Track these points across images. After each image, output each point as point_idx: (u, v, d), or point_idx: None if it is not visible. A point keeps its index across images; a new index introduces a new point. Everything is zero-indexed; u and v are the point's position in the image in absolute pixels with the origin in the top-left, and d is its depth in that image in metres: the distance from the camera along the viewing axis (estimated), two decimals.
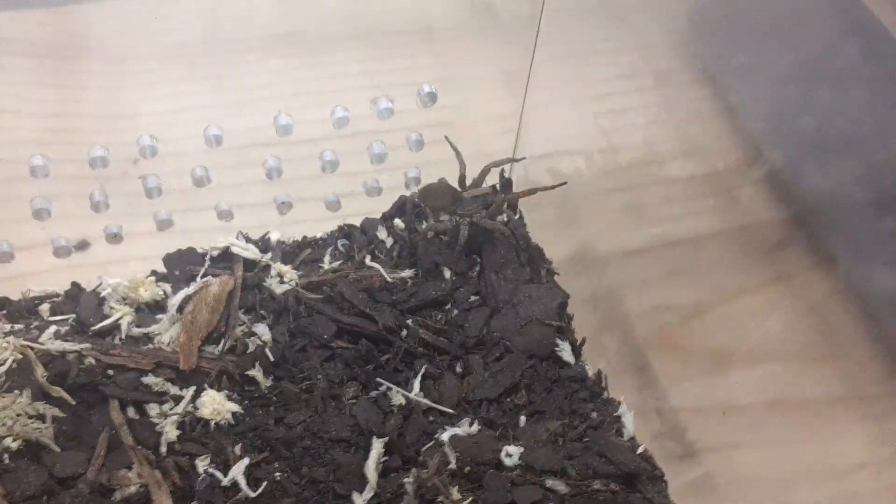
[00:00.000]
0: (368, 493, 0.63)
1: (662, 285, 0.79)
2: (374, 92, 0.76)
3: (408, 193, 0.81)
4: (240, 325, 0.72)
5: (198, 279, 0.73)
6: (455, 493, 0.62)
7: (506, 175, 0.83)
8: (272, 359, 0.70)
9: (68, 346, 0.68)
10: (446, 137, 0.76)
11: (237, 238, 0.77)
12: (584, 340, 0.75)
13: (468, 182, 0.77)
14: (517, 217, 0.81)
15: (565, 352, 0.72)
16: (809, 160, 0.72)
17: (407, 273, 0.76)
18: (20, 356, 0.67)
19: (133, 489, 0.63)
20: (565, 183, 0.75)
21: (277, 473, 0.64)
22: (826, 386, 0.70)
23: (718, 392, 0.73)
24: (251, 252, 0.76)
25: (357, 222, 0.81)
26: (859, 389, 0.70)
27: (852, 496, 0.67)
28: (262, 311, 0.73)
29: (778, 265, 0.73)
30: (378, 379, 0.69)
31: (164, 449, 0.66)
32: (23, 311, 0.72)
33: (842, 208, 0.69)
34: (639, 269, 0.81)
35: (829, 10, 0.63)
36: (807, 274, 0.72)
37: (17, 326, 0.70)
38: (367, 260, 0.77)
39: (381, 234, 0.79)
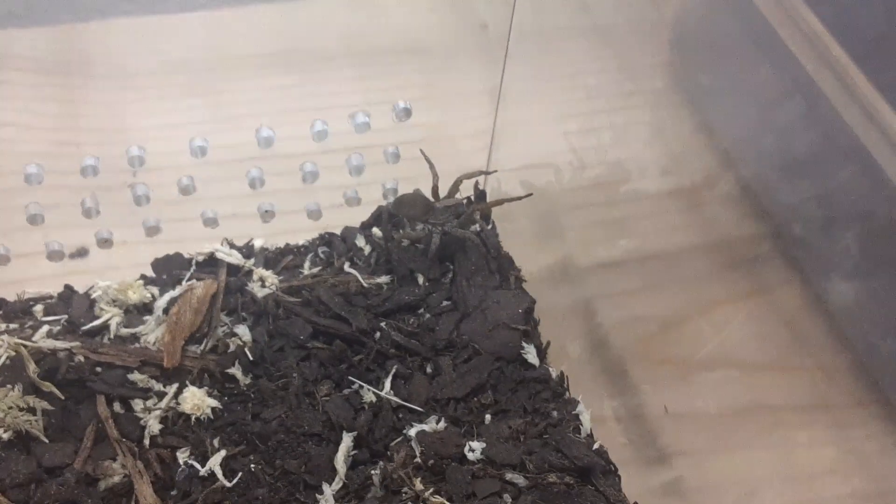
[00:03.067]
0: (337, 485, 0.67)
1: (637, 297, 0.82)
2: (356, 108, 0.80)
3: (385, 204, 0.85)
4: (221, 327, 0.75)
5: (183, 283, 0.77)
6: (418, 485, 0.66)
7: (480, 187, 0.87)
8: (251, 358, 0.73)
9: (59, 344, 0.72)
10: (421, 150, 0.79)
11: (222, 245, 0.81)
12: (548, 344, 0.78)
13: (443, 193, 0.81)
14: (490, 227, 0.85)
15: (530, 354, 0.75)
16: (779, 178, 0.75)
17: (383, 279, 0.79)
18: (14, 353, 0.70)
19: (117, 479, 0.67)
20: (531, 194, 0.79)
21: (252, 465, 0.68)
22: (796, 395, 0.72)
23: (690, 399, 0.76)
24: (235, 258, 0.80)
25: (338, 231, 0.84)
26: (828, 398, 0.72)
27: (819, 502, 0.69)
28: (244, 314, 0.76)
29: (751, 279, 0.75)
30: (350, 377, 0.72)
31: (147, 441, 0.69)
32: (18, 312, 0.76)
33: (808, 224, 0.72)
34: (613, 281, 0.83)
35: (799, 38, 0.67)
36: (779, 287, 0.75)
37: (12, 326, 0.74)
38: (346, 266, 0.80)
39: (360, 242, 0.83)
